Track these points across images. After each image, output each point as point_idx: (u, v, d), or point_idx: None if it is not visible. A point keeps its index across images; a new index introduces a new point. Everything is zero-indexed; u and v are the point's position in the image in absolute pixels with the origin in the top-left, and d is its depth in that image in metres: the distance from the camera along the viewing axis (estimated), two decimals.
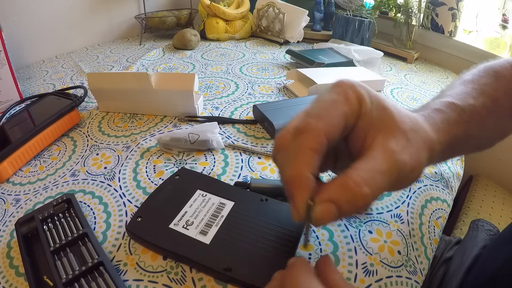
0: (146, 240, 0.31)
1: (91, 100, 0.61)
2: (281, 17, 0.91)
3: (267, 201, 0.34)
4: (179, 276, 0.30)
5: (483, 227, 0.54)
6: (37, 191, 0.40)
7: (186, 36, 0.86)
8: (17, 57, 0.78)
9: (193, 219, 0.33)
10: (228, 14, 0.96)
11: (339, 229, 0.34)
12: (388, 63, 0.85)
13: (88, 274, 0.29)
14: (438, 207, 0.39)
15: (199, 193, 0.36)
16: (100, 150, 0.47)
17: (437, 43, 0.90)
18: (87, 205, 0.38)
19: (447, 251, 0.51)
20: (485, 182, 0.86)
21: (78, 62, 0.81)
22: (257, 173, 0.42)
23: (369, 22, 0.86)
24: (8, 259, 0.32)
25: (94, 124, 0.53)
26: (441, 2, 0.86)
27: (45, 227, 0.33)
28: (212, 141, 0.45)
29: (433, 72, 0.82)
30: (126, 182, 0.41)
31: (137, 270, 0.30)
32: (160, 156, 0.45)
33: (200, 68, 0.75)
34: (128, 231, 0.32)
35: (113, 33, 1.00)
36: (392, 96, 0.65)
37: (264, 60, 0.80)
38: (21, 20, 0.79)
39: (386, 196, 0.38)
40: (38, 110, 0.52)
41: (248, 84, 0.67)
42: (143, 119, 0.54)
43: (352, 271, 0.30)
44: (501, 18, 0.85)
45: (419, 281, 0.32)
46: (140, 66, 0.76)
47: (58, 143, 0.49)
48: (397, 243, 0.33)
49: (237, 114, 0.55)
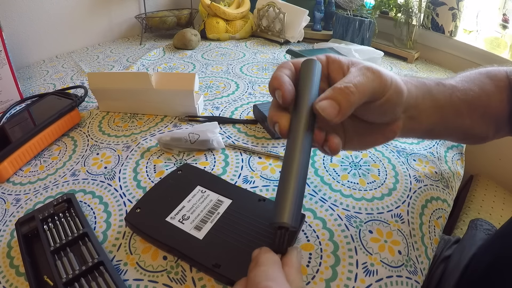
0: (142, 230, 0.32)
1: (92, 100, 0.61)
2: (282, 17, 0.91)
3: (264, 201, 0.35)
4: (179, 276, 0.30)
5: (482, 226, 0.54)
6: (38, 191, 0.40)
7: (187, 36, 0.86)
8: (18, 57, 0.78)
9: (190, 214, 0.33)
10: (228, 14, 0.96)
11: (339, 228, 0.34)
12: (388, 63, 0.85)
13: (88, 273, 0.29)
14: (439, 207, 0.39)
15: (198, 189, 0.36)
16: (101, 150, 0.47)
17: (437, 43, 0.90)
18: (87, 204, 0.38)
19: (446, 250, 0.51)
20: (485, 182, 0.86)
21: (79, 62, 0.81)
22: (257, 173, 0.42)
23: (369, 22, 0.86)
24: (8, 259, 0.32)
25: (94, 124, 0.53)
26: (442, 2, 0.86)
27: (46, 227, 0.33)
28: (212, 141, 0.45)
29: (433, 72, 0.82)
30: (126, 182, 0.41)
31: (137, 269, 0.30)
32: (160, 156, 0.45)
33: (201, 68, 0.75)
34: (126, 221, 0.33)
35: (113, 33, 1.00)
36: None
37: (265, 60, 0.80)
38: (21, 20, 0.79)
39: (387, 196, 0.38)
40: (38, 110, 0.52)
41: (249, 84, 0.67)
42: (143, 119, 0.54)
43: (353, 271, 0.30)
44: (502, 18, 0.85)
45: (419, 281, 0.32)
46: (141, 66, 0.76)
47: (58, 143, 0.49)
48: (397, 243, 0.33)
49: (238, 114, 0.55)
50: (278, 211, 0.23)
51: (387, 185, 0.40)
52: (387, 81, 0.28)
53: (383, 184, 0.40)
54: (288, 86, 0.27)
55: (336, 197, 0.38)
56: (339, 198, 0.38)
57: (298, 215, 0.24)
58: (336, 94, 0.26)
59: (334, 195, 0.38)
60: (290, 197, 0.23)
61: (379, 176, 0.41)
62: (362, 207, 0.37)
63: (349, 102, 0.26)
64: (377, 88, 0.28)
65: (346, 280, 0.29)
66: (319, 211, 0.36)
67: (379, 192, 0.39)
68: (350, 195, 0.38)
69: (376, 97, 0.28)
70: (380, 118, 0.31)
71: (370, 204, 0.37)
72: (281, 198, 0.23)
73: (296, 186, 0.24)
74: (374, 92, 0.28)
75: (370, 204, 0.37)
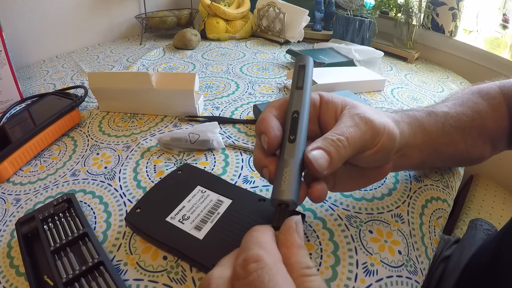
0: (142, 230, 0.32)
1: (92, 100, 0.61)
2: (282, 17, 0.91)
3: (265, 201, 0.35)
4: (179, 276, 0.30)
5: (482, 226, 0.54)
6: (38, 191, 0.40)
7: (187, 36, 0.86)
8: (18, 57, 0.78)
9: (190, 214, 0.33)
10: (228, 14, 0.96)
11: (339, 228, 0.34)
12: (388, 63, 0.85)
13: (88, 273, 0.29)
14: (439, 207, 0.39)
15: (198, 189, 0.36)
16: (101, 150, 0.47)
17: (437, 43, 0.90)
18: (87, 204, 0.38)
19: (445, 250, 0.52)
20: (485, 182, 0.86)
21: (79, 62, 0.81)
22: (257, 173, 0.42)
23: (369, 22, 0.86)
24: (8, 259, 0.32)
25: (94, 124, 0.53)
26: (442, 2, 0.86)
27: (46, 227, 0.33)
28: (212, 141, 0.45)
29: (433, 72, 0.82)
30: (126, 182, 0.41)
31: (137, 269, 0.30)
32: (160, 156, 0.45)
33: (201, 68, 0.75)
34: (126, 221, 0.33)
35: (113, 33, 1.00)
36: (393, 96, 0.65)
37: (265, 60, 0.80)
38: (21, 20, 0.79)
39: (387, 196, 0.38)
40: (38, 110, 0.52)
41: (249, 84, 0.67)
42: (143, 118, 0.54)
43: (353, 271, 0.30)
44: (502, 18, 0.85)
45: (419, 281, 0.32)
46: (141, 66, 0.76)
47: (58, 143, 0.49)
48: (397, 243, 0.33)
49: (238, 114, 0.55)
50: (278, 188, 0.24)
51: (387, 185, 0.40)
52: (380, 130, 0.28)
53: (383, 184, 0.40)
54: (276, 132, 0.26)
55: (336, 197, 0.38)
56: (339, 198, 0.38)
57: (297, 192, 0.24)
58: (329, 145, 0.25)
59: (334, 195, 0.38)
60: (288, 174, 0.24)
61: None
62: (362, 207, 0.37)
63: (340, 155, 0.25)
64: (369, 140, 0.27)
65: (346, 280, 0.29)
66: (319, 211, 0.36)
67: (379, 192, 0.39)
68: (350, 195, 0.38)
69: (368, 148, 0.28)
70: (373, 164, 0.31)
71: (370, 204, 0.37)
72: (280, 175, 0.24)
73: (296, 164, 0.25)
74: (366, 144, 0.27)
75: (370, 204, 0.37)
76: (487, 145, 0.37)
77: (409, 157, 0.34)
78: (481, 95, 0.37)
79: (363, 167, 0.31)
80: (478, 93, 0.38)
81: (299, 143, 0.26)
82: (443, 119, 0.35)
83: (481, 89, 0.38)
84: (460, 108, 0.36)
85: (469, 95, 0.38)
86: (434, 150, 0.35)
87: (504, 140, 0.38)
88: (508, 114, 0.37)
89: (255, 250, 0.19)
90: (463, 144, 0.36)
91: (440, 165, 0.41)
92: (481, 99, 0.37)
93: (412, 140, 0.33)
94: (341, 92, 0.57)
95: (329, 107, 0.30)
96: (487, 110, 0.36)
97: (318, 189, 0.26)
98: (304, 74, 0.30)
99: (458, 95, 0.39)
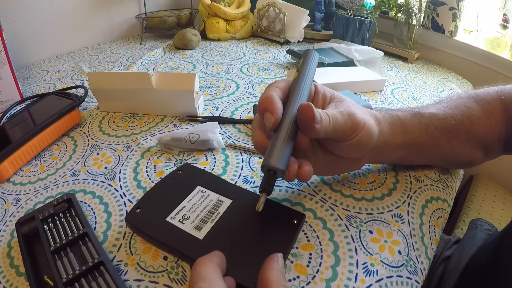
0: (142, 231, 0.32)
1: (92, 100, 0.61)
2: (282, 17, 0.91)
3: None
4: (179, 276, 0.30)
5: (482, 226, 0.54)
6: (38, 191, 0.40)
7: (187, 36, 0.86)
8: (18, 57, 0.78)
9: (190, 214, 0.33)
10: (228, 14, 0.96)
11: (339, 229, 0.34)
12: (388, 63, 0.85)
13: (88, 273, 0.29)
14: (439, 207, 0.39)
15: (198, 189, 0.36)
16: (101, 150, 0.47)
17: (437, 43, 0.90)
18: (87, 205, 0.38)
19: (446, 250, 0.52)
20: (485, 182, 0.86)
21: (79, 62, 0.81)
22: (257, 173, 0.42)
23: (369, 22, 0.86)
24: (8, 259, 0.32)
25: (94, 124, 0.53)
26: (442, 1, 0.86)
27: (46, 227, 0.33)
28: (212, 141, 0.45)
29: (433, 72, 0.82)
30: (126, 182, 0.41)
31: (137, 270, 0.30)
32: (160, 156, 0.45)
33: (201, 68, 0.75)
34: (126, 221, 0.33)
35: (113, 33, 1.00)
36: (393, 96, 0.65)
37: (265, 60, 0.80)
38: (21, 20, 0.79)
39: (387, 196, 0.38)
40: (38, 110, 0.52)
41: (249, 84, 0.67)
42: (143, 118, 0.54)
43: (353, 271, 0.30)
44: (502, 18, 0.85)
45: (419, 281, 0.32)
46: (141, 66, 0.76)
47: (58, 143, 0.49)
48: (397, 243, 0.33)
49: (238, 114, 0.55)
50: (270, 156, 0.27)
51: (387, 185, 0.40)
52: (360, 125, 0.30)
53: (383, 184, 0.40)
54: (281, 111, 0.28)
55: (336, 197, 0.38)
56: (339, 198, 0.38)
57: (286, 162, 0.28)
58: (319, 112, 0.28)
59: (334, 195, 0.38)
60: (280, 146, 0.27)
61: (379, 176, 0.41)
62: (362, 207, 0.37)
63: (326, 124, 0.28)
64: (348, 130, 0.30)
65: (346, 280, 0.29)
66: (319, 211, 0.36)
67: (379, 192, 0.39)
68: (350, 195, 0.38)
69: (346, 138, 0.30)
70: (349, 155, 0.33)
71: (370, 204, 0.37)
72: (273, 146, 0.28)
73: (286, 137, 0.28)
74: (345, 133, 0.30)
75: (370, 204, 0.37)
76: (478, 150, 0.38)
77: (386, 154, 0.36)
78: (476, 100, 0.38)
79: (340, 156, 0.33)
80: (474, 98, 0.38)
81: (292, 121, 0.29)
82: (428, 120, 0.36)
83: (477, 94, 0.39)
84: (450, 111, 0.37)
85: (464, 99, 0.39)
86: (414, 150, 0.37)
87: (498, 146, 0.38)
88: (504, 120, 0.37)
89: (198, 284, 0.22)
90: (447, 146, 0.37)
91: (423, 163, 0.42)
92: (475, 103, 0.37)
93: (391, 140, 0.35)
94: (341, 92, 0.57)
95: (320, 97, 0.33)
96: (479, 115, 0.37)
97: (306, 170, 0.29)
98: (309, 62, 0.34)
99: (453, 98, 0.39)
